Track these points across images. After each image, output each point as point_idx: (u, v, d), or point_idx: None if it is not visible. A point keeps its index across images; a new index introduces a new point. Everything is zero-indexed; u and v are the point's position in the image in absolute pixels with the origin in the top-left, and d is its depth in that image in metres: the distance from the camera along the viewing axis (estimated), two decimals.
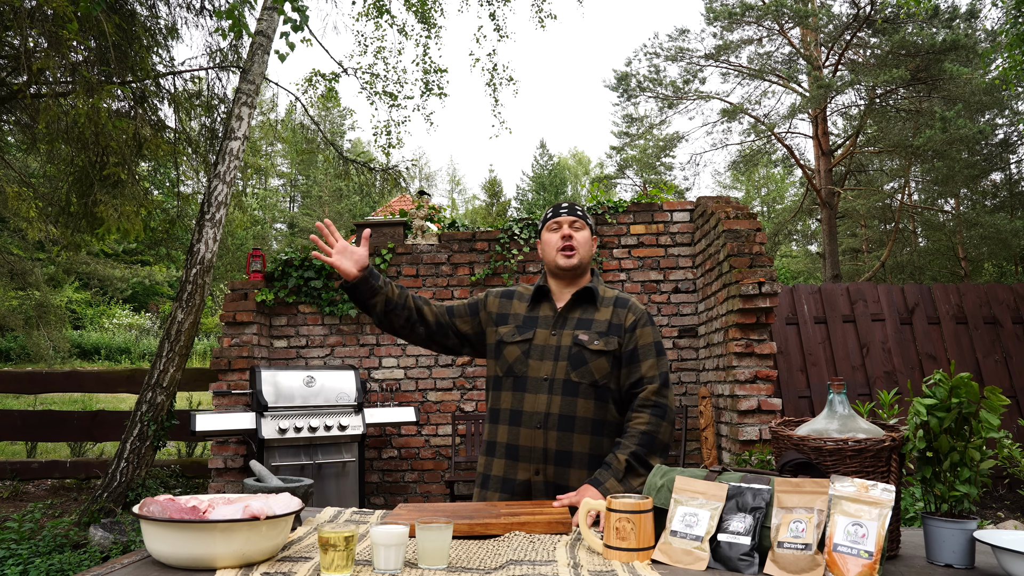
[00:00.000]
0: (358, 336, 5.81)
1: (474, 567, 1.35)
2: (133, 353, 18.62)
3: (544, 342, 2.01)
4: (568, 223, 2.05)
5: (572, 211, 2.08)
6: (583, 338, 1.99)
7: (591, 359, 1.97)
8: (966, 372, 1.37)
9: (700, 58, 17.33)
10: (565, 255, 2.02)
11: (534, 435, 1.95)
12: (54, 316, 10.35)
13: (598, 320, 2.02)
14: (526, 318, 2.06)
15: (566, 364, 1.97)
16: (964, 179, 16.49)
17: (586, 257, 2.06)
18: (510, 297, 2.13)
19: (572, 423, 1.95)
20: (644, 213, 5.83)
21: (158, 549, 1.32)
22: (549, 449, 1.94)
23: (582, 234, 2.06)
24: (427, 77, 8.84)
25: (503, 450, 2.00)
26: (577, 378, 1.96)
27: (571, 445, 1.94)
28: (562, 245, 2.03)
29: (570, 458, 1.94)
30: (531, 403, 1.97)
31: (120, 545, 4.24)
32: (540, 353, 2.00)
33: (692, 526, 1.38)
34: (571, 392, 1.95)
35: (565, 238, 2.03)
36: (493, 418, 2.06)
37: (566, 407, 1.95)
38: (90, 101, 5.10)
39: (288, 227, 34.07)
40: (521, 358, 2.01)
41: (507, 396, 2.01)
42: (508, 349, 2.03)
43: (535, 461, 1.95)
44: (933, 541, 1.35)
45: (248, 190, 15.83)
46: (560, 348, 1.99)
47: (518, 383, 2.00)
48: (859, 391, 5.93)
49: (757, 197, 35.53)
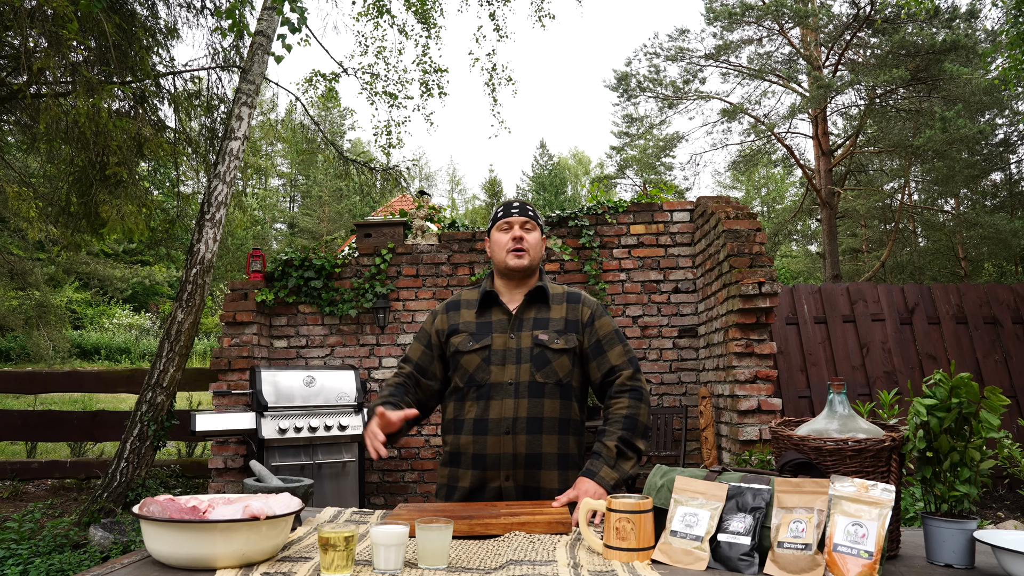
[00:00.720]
0: (358, 336, 5.81)
1: (474, 567, 1.35)
2: (133, 353, 18.62)
3: (503, 346, 1.97)
4: (519, 224, 2.02)
5: (523, 211, 2.05)
6: (543, 338, 1.97)
7: (554, 358, 1.96)
8: (966, 372, 1.37)
9: (700, 58, 17.33)
10: (516, 255, 1.99)
11: (502, 441, 1.92)
12: (54, 316, 10.34)
13: (554, 318, 2.01)
14: (478, 324, 2.02)
15: (529, 366, 1.95)
16: (964, 179, 16.50)
17: (536, 258, 2.04)
18: (456, 308, 2.08)
19: (540, 424, 1.93)
20: (644, 213, 5.83)
21: (158, 549, 1.32)
22: (519, 454, 1.92)
23: (533, 235, 2.03)
24: (427, 77, 8.84)
25: (469, 460, 1.95)
26: (542, 379, 1.94)
27: (540, 447, 1.93)
28: (513, 246, 2.00)
29: (540, 460, 1.93)
30: (497, 410, 1.93)
31: (120, 545, 4.24)
32: (501, 358, 1.96)
33: (692, 526, 1.38)
34: (537, 394, 1.94)
35: (516, 239, 2.00)
36: (456, 428, 2.00)
37: (533, 409, 1.93)
38: (90, 101, 5.10)
39: (288, 227, 34.08)
40: (482, 366, 1.96)
41: (471, 406, 1.96)
42: (466, 359, 1.98)
43: (504, 467, 1.92)
44: (933, 541, 1.35)
45: (248, 190, 15.79)
46: (521, 350, 1.96)
47: (482, 392, 1.95)
48: (859, 391, 5.93)
49: (757, 197, 35.54)
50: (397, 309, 5.81)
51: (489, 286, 2.06)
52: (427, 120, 10.10)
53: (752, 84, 17.98)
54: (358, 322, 5.82)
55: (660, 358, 5.70)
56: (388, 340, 5.79)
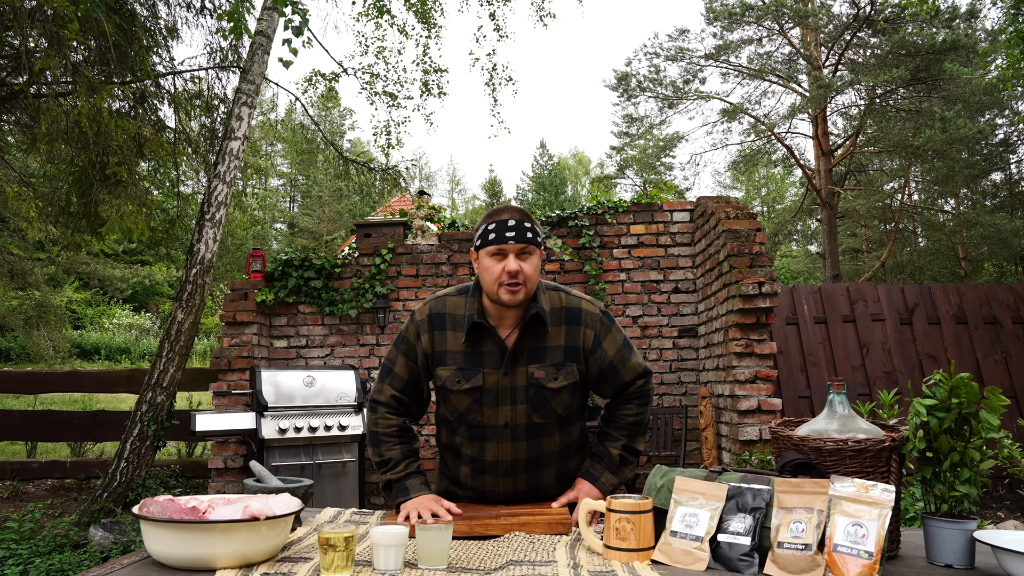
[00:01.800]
0: (358, 336, 5.81)
1: (474, 567, 1.35)
2: (133, 353, 18.62)
3: (496, 385, 1.76)
4: (515, 252, 1.70)
5: (521, 235, 1.70)
6: (539, 375, 1.76)
7: (552, 397, 1.77)
8: (966, 372, 1.37)
9: (700, 58, 17.33)
10: (510, 291, 1.69)
11: (501, 482, 1.83)
12: (54, 316, 10.34)
13: (551, 348, 1.77)
14: (467, 356, 1.77)
15: (526, 407, 1.77)
16: (964, 179, 16.50)
17: (533, 286, 1.74)
18: (442, 327, 1.81)
19: (540, 462, 1.83)
20: (644, 213, 5.83)
21: (158, 549, 1.32)
22: (519, 490, 1.85)
23: (530, 262, 1.72)
24: (427, 77, 8.84)
25: (468, 492, 1.89)
26: (540, 419, 1.78)
27: (541, 481, 1.86)
28: (508, 280, 1.69)
29: (541, 492, 1.87)
30: (493, 452, 1.80)
31: (120, 545, 4.24)
32: (494, 399, 1.77)
33: (692, 526, 1.38)
34: (536, 434, 1.80)
35: (511, 273, 1.68)
36: (454, 453, 1.88)
37: (532, 449, 1.80)
38: (91, 101, 5.10)
39: (288, 227, 34.08)
40: (473, 406, 1.77)
41: (465, 442, 1.83)
42: (455, 397, 1.78)
43: (505, 502, 1.85)
44: (933, 541, 1.35)
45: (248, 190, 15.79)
46: (516, 390, 1.76)
47: (474, 432, 1.81)
48: (859, 391, 5.93)
49: (757, 197, 35.53)
50: (397, 309, 5.81)
51: (478, 314, 1.76)
52: (427, 120, 10.11)
53: (752, 84, 17.99)
54: (358, 322, 5.82)
55: (660, 358, 5.70)
56: (388, 340, 5.79)
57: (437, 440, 1.96)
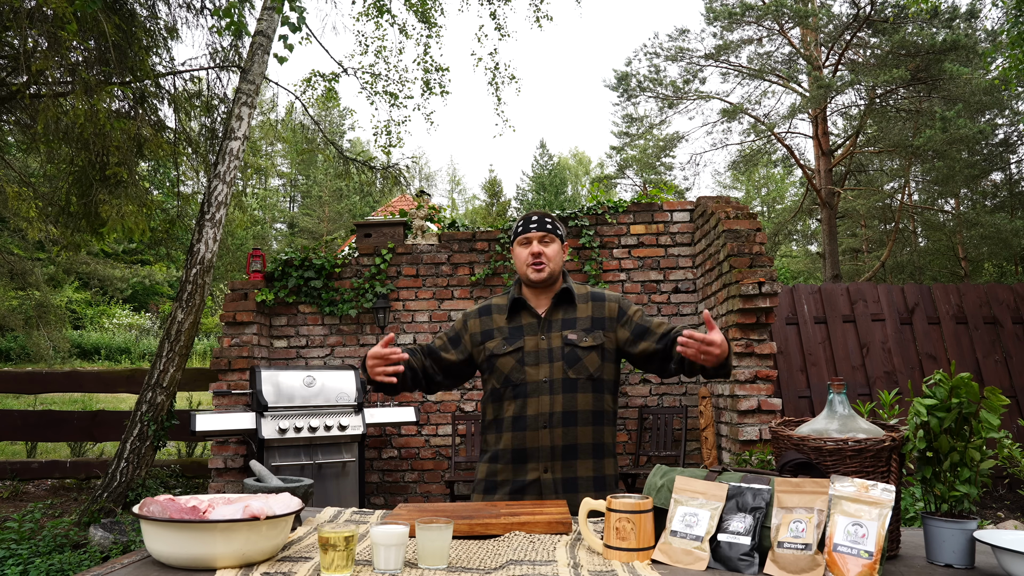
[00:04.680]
0: (358, 336, 5.81)
1: (474, 567, 1.35)
2: (133, 353, 18.62)
3: (535, 348, 2.09)
4: (537, 239, 2.12)
5: (542, 225, 2.14)
6: (572, 337, 2.08)
7: (584, 355, 2.07)
8: (966, 372, 1.37)
9: (700, 58, 17.32)
10: (535, 269, 2.10)
11: (539, 435, 2.03)
12: (54, 316, 10.34)
13: (580, 318, 2.12)
14: (510, 329, 2.13)
15: (562, 364, 2.06)
16: (964, 179, 16.49)
17: (556, 268, 2.13)
18: (488, 313, 2.19)
19: (575, 417, 2.04)
20: (644, 213, 5.83)
21: (158, 549, 1.32)
22: (556, 446, 2.03)
23: (552, 247, 2.13)
24: (428, 76, 8.84)
25: (508, 455, 2.05)
26: (574, 375, 2.05)
27: (576, 439, 2.04)
28: (532, 261, 2.10)
29: (576, 451, 2.03)
30: (534, 406, 2.04)
31: (120, 545, 4.24)
32: (535, 359, 2.08)
33: (692, 526, 1.38)
34: (571, 389, 2.05)
35: (535, 255, 2.09)
36: (496, 428, 2.11)
37: (568, 404, 2.04)
38: (89, 101, 5.10)
39: (288, 227, 34.07)
40: (517, 367, 2.07)
41: (509, 405, 2.07)
42: (501, 361, 2.09)
43: (543, 460, 2.03)
44: (933, 541, 1.35)
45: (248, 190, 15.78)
46: (552, 350, 2.08)
47: (518, 391, 2.06)
48: (859, 391, 5.93)
49: (757, 197, 35.54)
50: (397, 309, 5.81)
51: (517, 293, 2.16)
52: (427, 120, 10.10)
53: (752, 84, 17.99)
54: (358, 322, 5.82)
55: None
56: None
57: (482, 427, 2.20)
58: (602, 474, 2.05)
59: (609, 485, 2.06)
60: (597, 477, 2.04)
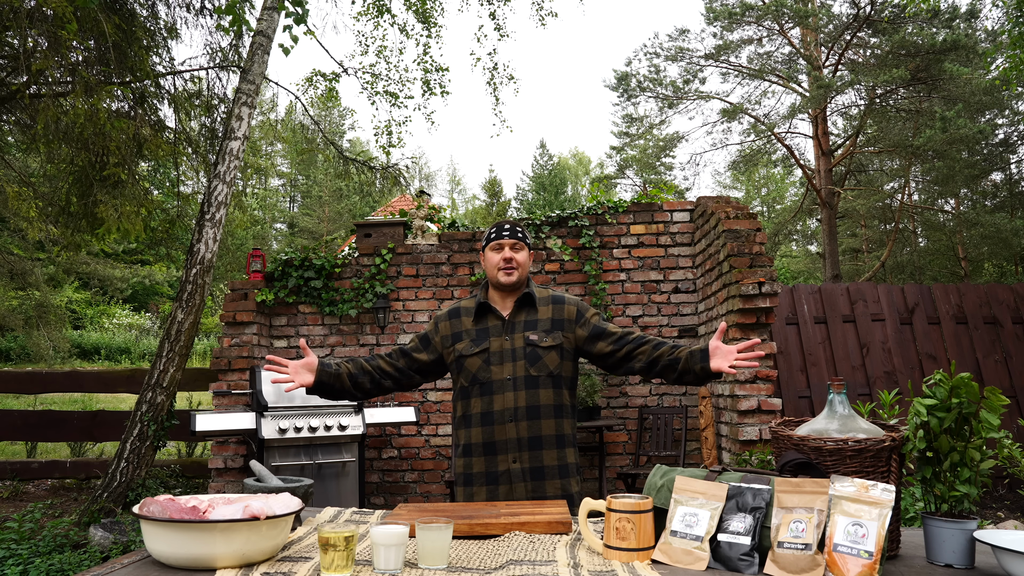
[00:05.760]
0: (358, 336, 5.81)
1: (474, 567, 1.35)
2: (133, 353, 18.61)
3: (500, 348, 2.26)
4: (509, 245, 2.30)
5: (513, 234, 2.31)
6: (533, 338, 2.26)
7: (544, 354, 2.25)
8: (966, 372, 1.37)
9: (700, 58, 17.32)
10: (506, 274, 2.27)
11: (506, 429, 2.21)
12: (54, 316, 10.34)
13: (541, 320, 2.29)
14: (477, 331, 2.30)
15: (524, 363, 2.24)
16: (964, 179, 16.48)
17: (524, 274, 2.32)
18: (457, 316, 2.35)
19: (538, 411, 2.22)
20: (644, 213, 5.83)
21: (158, 549, 1.32)
22: (522, 438, 2.21)
23: (521, 254, 2.31)
24: (428, 76, 8.84)
25: (480, 449, 2.23)
26: (535, 372, 2.23)
27: (540, 431, 2.22)
28: (504, 266, 2.27)
29: (540, 442, 2.22)
30: (500, 402, 2.22)
31: (120, 545, 4.24)
32: (499, 358, 2.25)
33: (692, 526, 1.38)
34: (533, 385, 2.23)
35: (507, 260, 2.27)
36: (465, 423, 2.29)
37: (530, 399, 2.22)
38: (89, 101, 5.10)
39: (288, 227, 34.07)
40: (483, 366, 2.25)
41: (476, 402, 2.25)
42: (469, 361, 2.27)
43: (511, 451, 2.20)
44: (933, 541, 1.35)
45: (248, 190, 15.81)
46: (515, 350, 2.25)
47: (485, 388, 2.24)
48: (859, 391, 5.93)
49: (757, 197, 35.53)
50: (397, 309, 5.81)
51: (483, 297, 2.33)
52: (428, 119, 10.10)
53: (752, 84, 17.98)
54: (358, 322, 5.82)
55: None
56: (388, 340, 5.79)
57: (453, 423, 2.34)
58: (565, 463, 2.24)
59: (571, 472, 2.25)
60: (561, 466, 2.22)
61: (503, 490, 2.18)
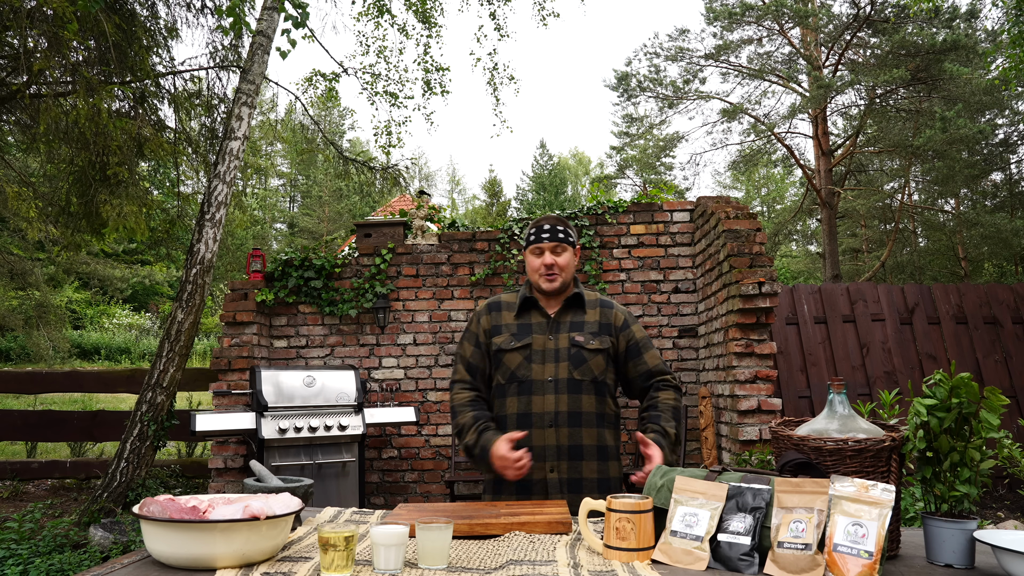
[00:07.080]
0: (358, 336, 5.81)
1: (474, 567, 1.35)
2: (133, 353, 18.61)
3: (542, 347, 2.11)
4: (550, 249, 2.14)
5: (554, 235, 2.15)
6: (580, 339, 2.11)
7: (590, 357, 2.10)
8: (966, 372, 1.37)
9: (700, 58, 17.32)
10: (548, 279, 2.13)
11: (545, 434, 2.05)
12: (54, 316, 10.34)
13: (588, 322, 2.15)
14: (519, 326, 2.16)
15: (567, 364, 2.08)
16: (964, 179, 16.48)
17: (568, 277, 2.17)
18: (498, 309, 2.22)
19: (579, 419, 2.06)
20: (644, 213, 5.83)
21: (158, 549, 1.32)
22: (561, 446, 2.05)
23: (564, 256, 2.15)
24: (428, 76, 8.84)
25: None
26: (579, 376, 2.08)
27: (581, 439, 2.06)
28: (545, 272, 2.13)
29: (581, 451, 2.05)
30: (539, 404, 2.06)
31: (120, 545, 4.24)
32: (541, 357, 2.10)
33: (692, 526, 1.38)
34: (575, 390, 2.07)
35: (548, 266, 2.13)
36: (499, 424, 2.12)
37: (572, 404, 2.06)
38: (90, 101, 5.10)
39: (288, 227, 34.06)
40: (523, 363, 2.10)
41: (512, 401, 2.10)
42: (508, 356, 2.12)
43: (549, 459, 2.04)
44: (933, 541, 1.35)
45: (248, 190, 15.81)
46: (559, 350, 2.10)
47: (523, 387, 2.09)
48: (859, 391, 5.93)
49: (757, 197, 35.52)
50: (397, 309, 5.81)
51: (528, 293, 2.19)
52: (428, 120, 10.09)
53: (752, 84, 17.98)
54: (358, 322, 5.82)
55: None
56: (388, 340, 5.79)
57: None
58: (607, 476, 2.07)
59: (613, 487, 2.08)
60: (602, 479, 2.06)
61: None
